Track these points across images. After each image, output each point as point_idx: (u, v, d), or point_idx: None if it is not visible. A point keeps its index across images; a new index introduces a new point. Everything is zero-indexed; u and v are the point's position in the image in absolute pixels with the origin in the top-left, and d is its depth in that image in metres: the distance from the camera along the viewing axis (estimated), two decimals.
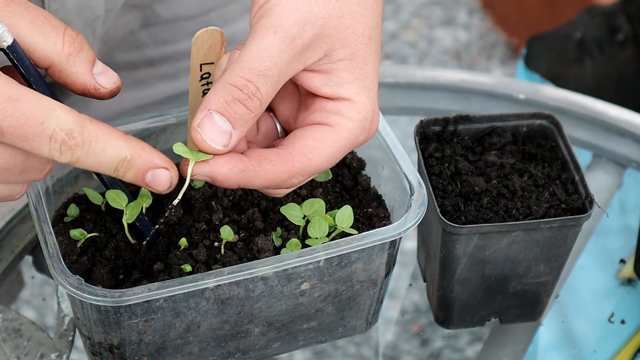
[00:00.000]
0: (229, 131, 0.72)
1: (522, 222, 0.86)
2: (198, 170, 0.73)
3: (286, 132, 0.80)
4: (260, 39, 0.73)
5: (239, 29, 1.16)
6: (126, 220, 0.83)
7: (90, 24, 1.00)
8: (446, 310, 0.93)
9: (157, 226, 0.82)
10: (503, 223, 0.86)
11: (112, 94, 0.76)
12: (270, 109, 0.80)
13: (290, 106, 0.80)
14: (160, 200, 0.87)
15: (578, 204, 0.88)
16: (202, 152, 0.72)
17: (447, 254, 0.88)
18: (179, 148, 0.73)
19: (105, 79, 0.76)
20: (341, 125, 0.75)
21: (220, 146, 0.72)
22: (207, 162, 0.72)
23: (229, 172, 0.73)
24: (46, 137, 0.69)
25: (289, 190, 0.78)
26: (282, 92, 0.78)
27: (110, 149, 0.71)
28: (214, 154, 0.73)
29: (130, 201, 0.83)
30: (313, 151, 0.74)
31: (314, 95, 0.76)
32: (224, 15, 1.13)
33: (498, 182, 0.90)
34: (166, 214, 0.82)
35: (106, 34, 1.05)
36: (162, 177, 0.73)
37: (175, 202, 0.76)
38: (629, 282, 1.04)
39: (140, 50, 1.11)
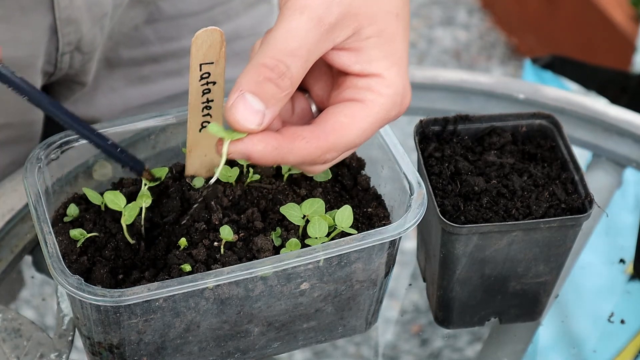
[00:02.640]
0: (262, 110, 0.73)
1: (521, 222, 0.86)
2: (233, 149, 0.74)
3: (320, 112, 0.81)
4: (288, 20, 0.74)
5: (243, 24, 1.16)
6: (124, 221, 0.83)
7: (98, 20, 1.01)
8: (446, 310, 0.93)
9: (195, 206, 0.83)
10: (503, 223, 0.86)
11: None
12: (304, 89, 0.81)
13: (323, 86, 0.81)
14: (160, 200, 0.87)
15: (578, 203, 0.88)
16: (237, 131, 0.74)
17: (447, 254, 0.88)
18: (213, 128, 0.74)
19: None
20: (372, 101, 0.76)
21: (254, 125, 0.73)
22: (241, 141, 0.74)
23: (263, 149, 0.74)
24: None
25: (325, 167, 0.79)
26: (315, 73, 0.79)
27: None
28: (249, 133, 0.74)
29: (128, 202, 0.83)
30: (345, 127, 0.75)
31: (345, 74, 0.77)
32: (227, 11, 1.13)
33: (498, 181, 0.90)
34: (203, 193, 0.82)
35: (111, 29, 1.05)
36: None
37: (212, 180, 0.78)
38: (633, 278, 1.04)
39: (144, 47, 1.11)
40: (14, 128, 1.07)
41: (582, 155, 1.13)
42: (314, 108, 0.82)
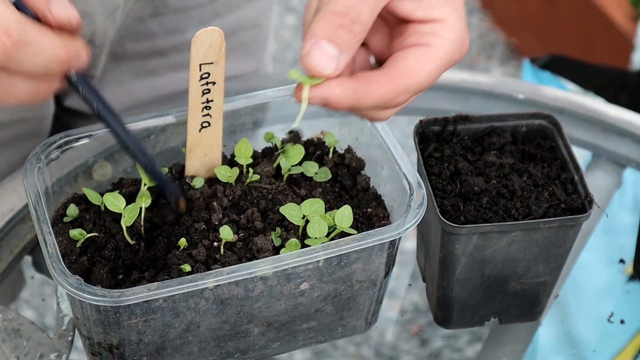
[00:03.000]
0: (337, 56, 0.75)
1: (521, 222, 0.86)
2: (313, 94, 0.76)
3: (379, 63, 0.83)
4: None
5: (245, 16, 1.17)
6: (124, 223, 0.83)
7: (110, 14, 1.01)
8: (446, 310, 0.93)
9: (280, 152, 0.85)
10: (502, 223, 0.86)
11: (61, 27, 0.75)
12: (362, 43, 0.83)
13: (381, 37, 0.83)
14: (159, 201, 0.87)
15: (577, 203, 0.88)
16: (314, 77, 0.76)
17: (447, 254, 0.88)
18: (293, 74, 0.76)
19: (59, 9, 0.75)
20: (437, 45, 0.78)
21: (331, 70, 0.75)
22: (320, 86, 0.76)
23: (342, 93, 0.76)
24: None
25: (394, 112, 0.81)
26: (372, 26, 0.81)
27: (43, 49, 0.71)
28: (326, 78, 0.76)
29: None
30: (415, 69, 0.78)
31: (407, 22, 0.79)
32: (229, 3, 1.14)
33: (497, 182, 0.90)
34: (285, 138, 0.84)
35: (120, 23, 1.06)
36: (80, 58, 0.74)
37: (294, 126, 0.80)
38: (633, 278, 1.04)
39: (150, 40, 1.12)
40: (27, 123, 1.08)
41: (581, 155, 1.13)
42: (372, 60, 0.84)
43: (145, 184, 0.85)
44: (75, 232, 0.84)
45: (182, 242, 0.83)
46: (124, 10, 1.04)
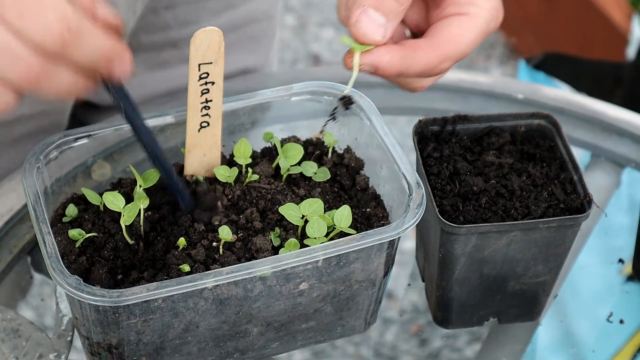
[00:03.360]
0: (384, 23, 0.79)
1: (520, 221, 0.86)
2: (363, 60, 0.79)
3: (414, 36, 0.86)
4: None
5: (258, 7, 1.17)
6: (124, 222, 0.83)
7: (132, 5, 1.03)
8: (445, 310, 0.93)
9: (330, 119, 0.87)
10: (501, 223, 0.86)
11: (107, 27, 0.76)
12: None
13: (417, 10, 0.86)
14: (158, 202, 0.87)
15: (577, 203, 0.88)
16: (363, 44, 0.79)
17: (446, 254, 0.88)
18: (346, 39, 0.79)
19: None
20: (476, 14, 0.82)
21: (379, 37, 0.79)
22: (370, 52, 0.79)
23: (391, 59, 0.79)
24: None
25: (435, 80, 0.85)
26: None
27: (93, 43, 0.72)
28: (375, 45, 0.79)
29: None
30: (458, 37, 0.81)
31: None
32: None
33: (496, 182, 0.90)
34: (338, 105, 0.85)
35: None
36: (123, 67, 0.75)
37: (346, 91, 0.82)
38: (630, 279, 1.04)
39: (164, 32, 1.13)
40: (48, 116, 1.09)
41: (581, 155, 1.13)
42: (407, 33, 0.87)
43: (140, 185, 0.85)
44: (74, 232, 0.84)
45: (181, 242, 0.83)
46: (144, 1, 1.05)
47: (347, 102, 0.86)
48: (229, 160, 0.91)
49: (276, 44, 1.27)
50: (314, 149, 0.93)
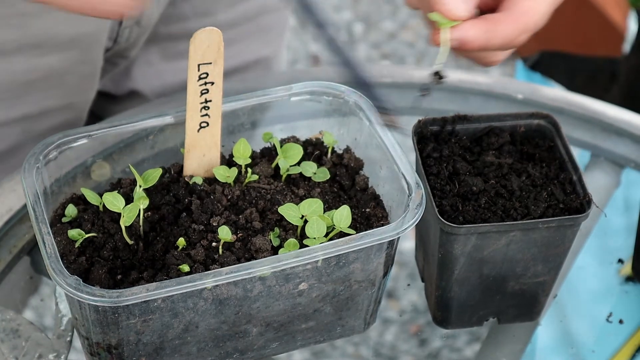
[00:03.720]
0: None
1: (519, 222, 0.86)
2: (451, 36, 0.82)
3: (481, 13, 0.88)
4: None
5: None
6: (124, 222, 0.83)
7: None
8: (444, 310, 0.93)
9: (422, 94, 0.88)
10: (501, 223, 0.86)
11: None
12: None
13: None
14: (158, 202, 0.87)
15: (576, 204, 0.88)
16: (449, 20, 0.82)
17: (445, 254, 0.88)
18: (434, 16, 0.82)
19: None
20: None
21: (465, 12, 0.83)
22: (456, 28, 0.82)
23: (475, 33, 0.83)
24: None
25: (509, 53, 0.89)
26: None
27: None
28: (461, 20, 0.83)
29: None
30: (533, 9, 0.85)
31: None
32: None
33: (496, 182, 0.90)
34: (429, 80, 0.86)
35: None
36: None
37: (435, 67, 0.84)
38: (629, 279, 1.04)
39: (181, 23, 1.14)
40: (72, 110, 1.10)
41: (580, 155, 1.13)
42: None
43: (140, 185, 0.85)
44: (73, 233, 0.84)
45: (181, 242, 0.83)
46: None
47: (438, 77, 0.87)
48: (228, 161, 0.91)
49: (287, 35, 1.28)
50: (314, 149, 0.93)
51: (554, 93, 1.16)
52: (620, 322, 1.01)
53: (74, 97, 1.09)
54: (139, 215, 0.84)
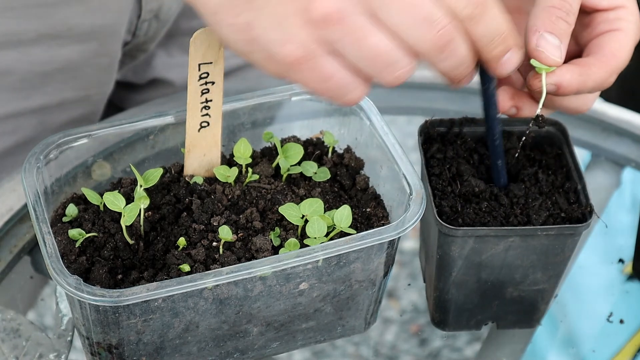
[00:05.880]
0: (559, 45, 0.85)
1: (518, 227, 0.85)
2: (548, 80, 0.85)
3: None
4: None
5: None
6: (124, 222, 0.83)
7: None
8: (442, 311, 0.93)
9: (525, 137, 0.91)
10: (499, 227, 0.85)
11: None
12: None
13: None
14: (158, 202, 0.87)
15: (577, 213, 0.87)
16: (545, 66, 0.85)
17: (443, 255, 0.88)
18: (535, 62, 0.84)
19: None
20: (627, 28, 0.88)
21: (558, 58, 0.85)
22: (553, 73, 0.85)
23: (571, 77, 0.85)
24: None
25: (597, 97, 0.92)
26: None
27: (497, 19, 0.76)
28: (556, 66, 0.85)
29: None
30: (619, 51, 0.88)
31: (591, 13, 0.89)
32: None
33: (499, 187, 0.89)
34: (531, 124, 0.88)
35: None
36: (515, 60, 0.80)
37: (539, 111, 0.87)
38: (631, 278, 1.04)
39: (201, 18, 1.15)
40: (89, 103, 1.10)
41: (581, 155, 1.13)
42: None
43: (140, 185, 0.85)
44: (74, 232, 0.84)
45: (181, 241, 0.83)
46: None
47: (541, 121, 0.89)
48: (229, 160, 0.92)
49: None
50: (314, 149, 0.93)
51: None
52: (621, 321, 1.01)
53: (91, 90, 1.10)
54: (139, 214, 0.84)
